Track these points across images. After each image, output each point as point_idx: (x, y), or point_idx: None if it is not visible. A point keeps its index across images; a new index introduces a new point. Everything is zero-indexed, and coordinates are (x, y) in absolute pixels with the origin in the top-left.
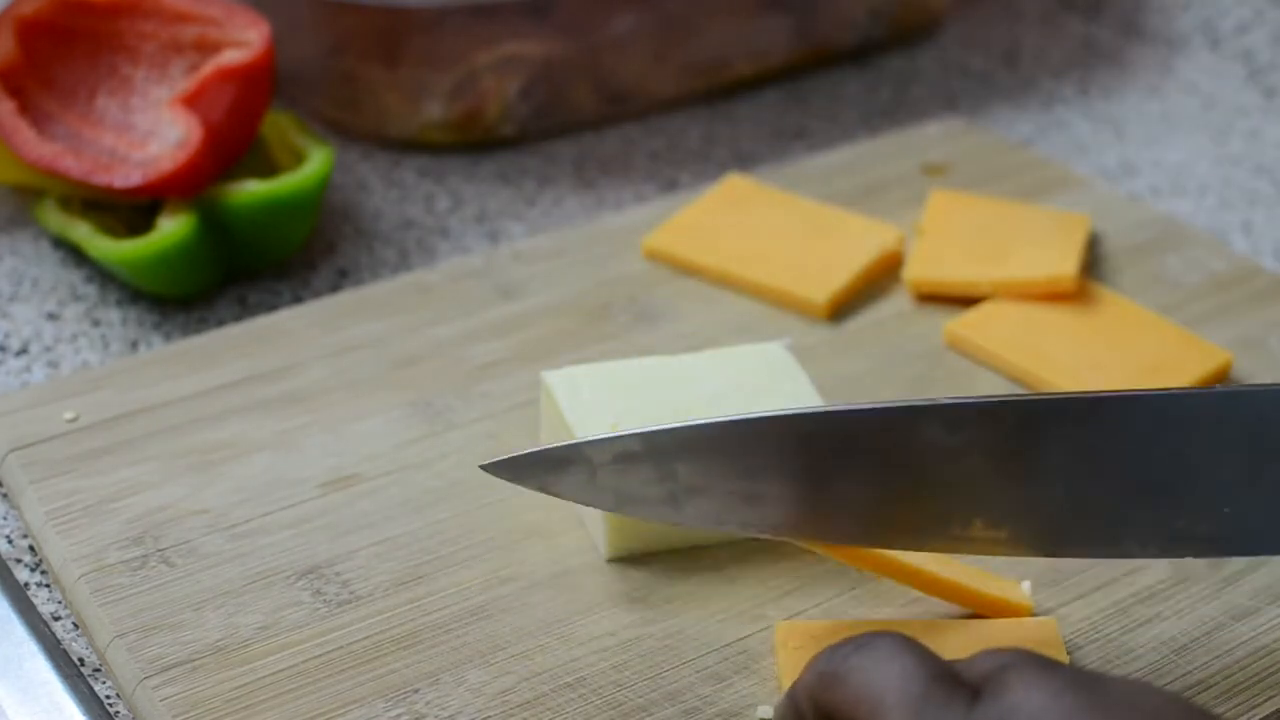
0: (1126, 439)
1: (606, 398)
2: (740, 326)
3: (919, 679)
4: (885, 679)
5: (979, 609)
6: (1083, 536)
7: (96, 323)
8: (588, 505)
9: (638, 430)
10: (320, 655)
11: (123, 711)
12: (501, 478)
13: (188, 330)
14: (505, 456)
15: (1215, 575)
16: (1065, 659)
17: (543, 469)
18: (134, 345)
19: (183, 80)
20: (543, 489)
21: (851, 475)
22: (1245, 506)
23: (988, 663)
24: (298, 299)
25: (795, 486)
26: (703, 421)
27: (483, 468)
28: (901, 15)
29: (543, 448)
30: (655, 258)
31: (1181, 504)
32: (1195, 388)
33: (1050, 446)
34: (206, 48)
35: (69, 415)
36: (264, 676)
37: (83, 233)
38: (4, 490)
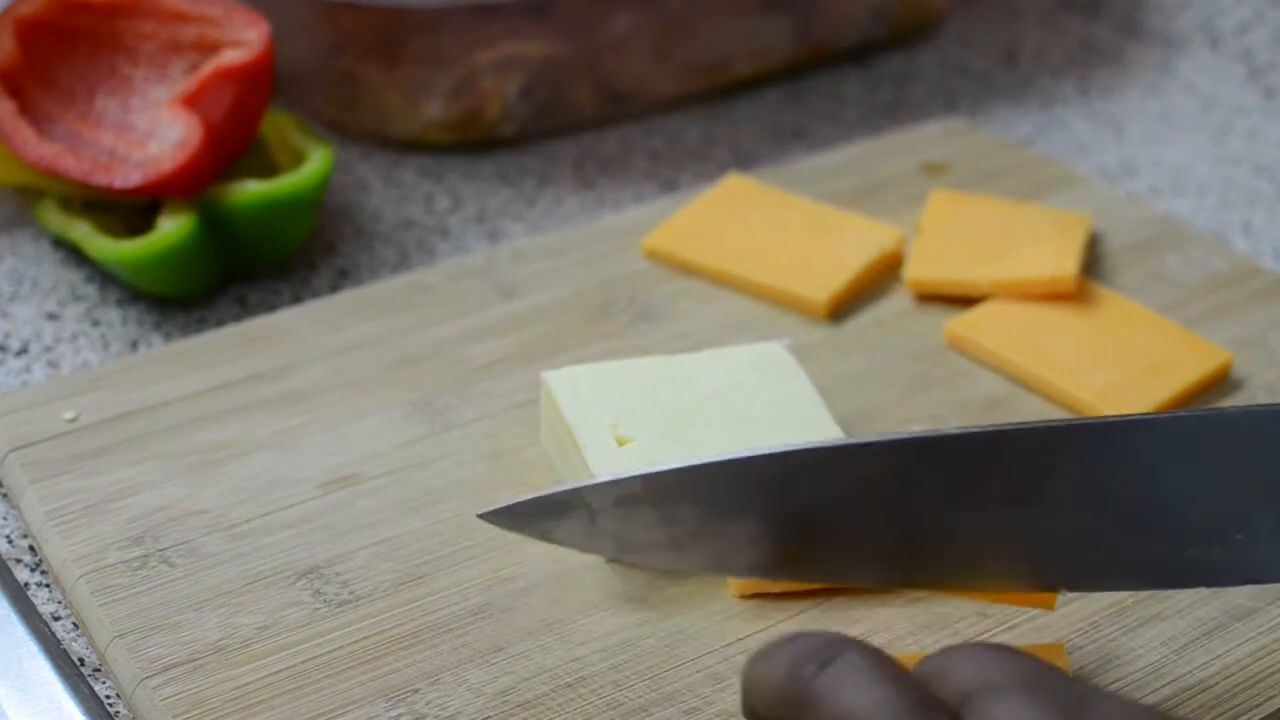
0: (1132, 465)
1: (606, 397)
2: (740, 326)
3: (898, 710)
4: (859, 711)
5: (1001, 600)
6: (1093, 568)
7: (96, 323)
8: (588, 552)
9: (638, 473)
10: (320, 655)
11: (123, 711)
12: (500, 526)
13: (188, 330)
14: (502, 505)
15: None
16: (1065, 661)
17: (541, 515)
18: (134, 345)
19: (182, 80)
20: (542, 537)
21: (857, 513)
22: (1259, 532)
23: (969, 680)
24: (298, 299)
25: (798, 527)
26: (704, 460)
27: (480, 516)
28: (901, 15)
29: (541, 494)
30: (655, 257)
31: (1191, 531)
32: (1198, 409)
33: (1054, 476)
34: (206, 48)
35: (69, 415)
36: (264, 676)
37: (83, 233)
38: (4, 490)
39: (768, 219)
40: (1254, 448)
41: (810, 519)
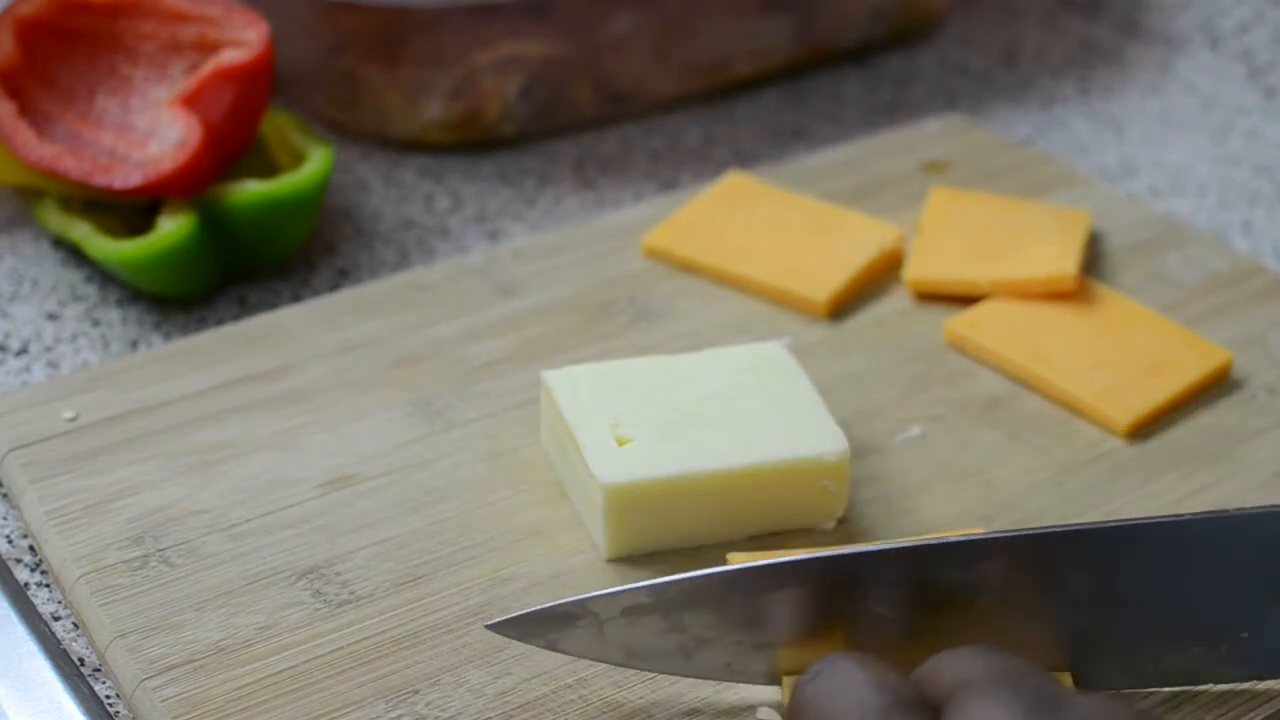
0: (1140, 569)
1: (606, 397)
2: (740, 325)
3: (874, 710)
4: (842, 712)
5: None
6: (1104, 670)
7: (96, 323)
8: (597, 660)
9: (645, 584)
10: (321, 655)
11: (123, 711)
12: (508, 636)
13: (188, 330)
14: (510, 615)
15: None
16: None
17: (549, 626)
18: (134, 345)
19: (182, 80)
20: (550, 646)
21: (864, 616)
22: (1265, 630)
23: (953, 675)
24: (298, 299)
25: (809, 630)
26: (710, 571)
27: (489, 627)
28: (901, 15)
29: (548, 605)
30: (655, 256)
31: (1196, 631)
32: (1200, 513)
33: (1066, 578)
34: (206, 47)
35: (69, 415)
36: (264, 677)
37: (83, 233)
38: (4, 490)
39: (768, 218)
40: (1257, 549)
41: (815, 622)
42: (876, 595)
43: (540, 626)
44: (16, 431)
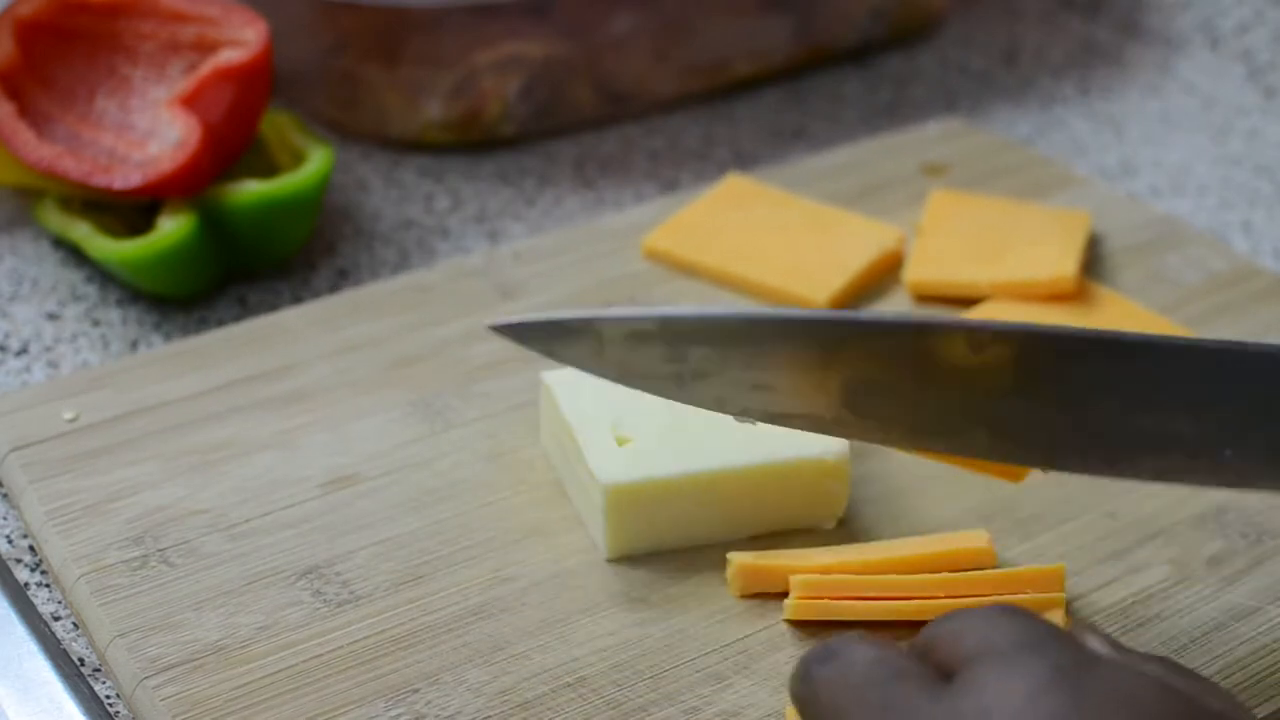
0: (1139, 380)
1: (606, 397)
2: None
3: (878, 683)
4: (849, 690)
5: (972, 468)
6: (1082, 457)
7: (96, 323)
8: (591, 374)
9: (654, 313)
10: (320, 655)
11: (123, 711)
12: (508, 339)
13: (188, 330)
14: (516, 320)
15: (1215, 575)
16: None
17: (551, 335)
18: (134, 345)
19: (181, 80)
20: (548, 354)
21: (863, 378)
22: (1247, 451)
23: (969, 640)
24: (298, 299)
25: (805, 382)
26: (721, 313)
27: (490, 327)
28: (901, 15)
29: (556, 316)
30: (655, 257)
31: (1184, 447)
32: (1212, 340)
33: (1065, 375)
34: (205, 47)
35: (69, 415)
36: (264, 676)
37: (83, 233)
38: (4, 490)
39: (768, 219)
40: (1244, 378)
41: (813, 376)
42: (879, 363)
43: (542, 333)
44: (16, 431)
